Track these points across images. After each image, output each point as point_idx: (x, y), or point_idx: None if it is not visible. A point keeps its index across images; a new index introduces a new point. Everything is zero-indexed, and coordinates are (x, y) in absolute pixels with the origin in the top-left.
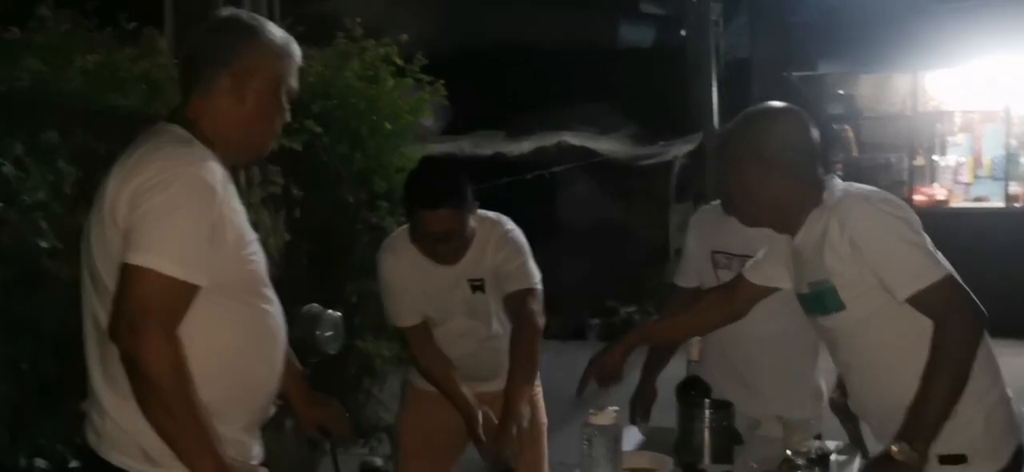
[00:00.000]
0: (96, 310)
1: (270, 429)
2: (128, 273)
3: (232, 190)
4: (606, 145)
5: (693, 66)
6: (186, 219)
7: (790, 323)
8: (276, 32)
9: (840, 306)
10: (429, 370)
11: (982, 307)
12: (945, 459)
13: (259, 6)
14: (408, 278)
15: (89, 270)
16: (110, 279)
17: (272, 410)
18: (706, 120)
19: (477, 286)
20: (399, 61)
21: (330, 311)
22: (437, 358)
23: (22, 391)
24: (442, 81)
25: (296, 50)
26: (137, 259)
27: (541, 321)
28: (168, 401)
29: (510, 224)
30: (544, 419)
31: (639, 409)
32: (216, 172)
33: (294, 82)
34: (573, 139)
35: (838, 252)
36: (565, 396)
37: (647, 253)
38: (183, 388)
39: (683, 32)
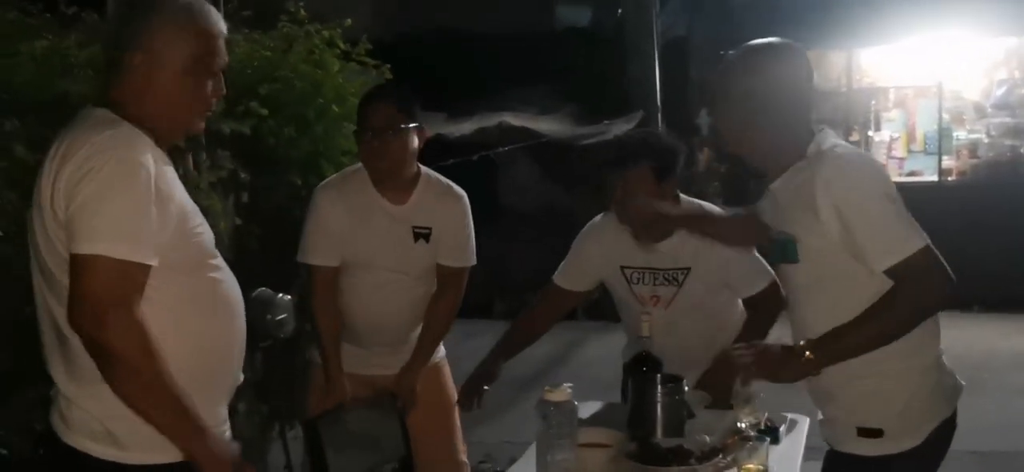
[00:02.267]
0: (50, 304)
1: None
2: (79, 263)
3: (168, 167)
4: (547, 125)
5: (631, 46)
6: (126, 200)
7: (731, 302)
8: (179, 3)
9: (796, 258)
10: (321, 317)
11: (950, 278)
12: (862, 431)
13: None
14: (343, 217)
15: (38, 265)
16: (60, 272)
17: (239, 379)
18: (649, 99)
19: (422, 234)
20: (343, 45)
21: (282, 295)
22: (332, 310)
23: None
24: (388, 65)
25: (206, 16)
26: (85, 248)
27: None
28: (143, 379)
29: (467, 200)
30: (453, 394)
31: (473, 391)
32: (145, 149)
33: (214, 48)
34: (514, 119)
35: (807, 214)
36: (510, 377)
37: None
38: (156, 364)
39: (619, 12)
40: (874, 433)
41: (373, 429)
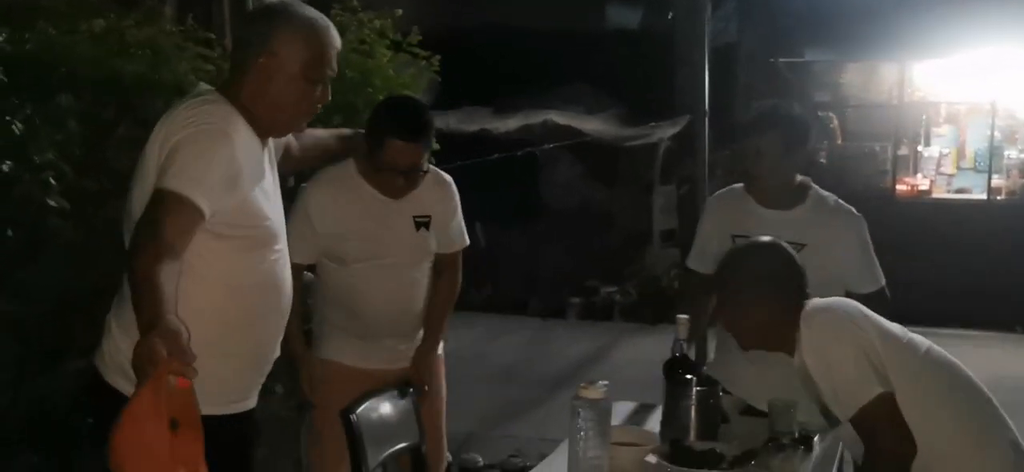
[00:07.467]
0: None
1: (260, 393)
2: (155, 194)
3: (264, 157)
4: (592, 125)
5: (681, 50)
6: (202, 155)
7: None
8: (302, 15)
9: (836, 421)
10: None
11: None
12: None
13: None
14: (339, 215)
15: (131, 214)
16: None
17: (276, 353)
18: (697, 104)
19: (422, 223)
20: (393, 35)
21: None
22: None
23: (26, 350)
24: (437, 56)
25: (326, 31)
26: (159, 184)
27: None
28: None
29: (453, 183)
30: (444, 389)
31: None
32: (238, 127)
33: (326, 59)
34: (559, 118)
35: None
36: (545, 373)
37: (630, 234)
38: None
39: (670, 15)
40: None
41: (388, 416)
